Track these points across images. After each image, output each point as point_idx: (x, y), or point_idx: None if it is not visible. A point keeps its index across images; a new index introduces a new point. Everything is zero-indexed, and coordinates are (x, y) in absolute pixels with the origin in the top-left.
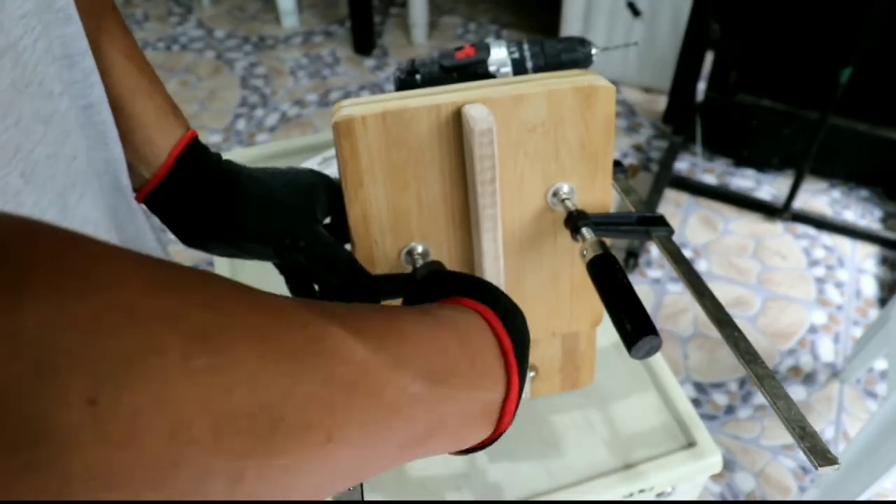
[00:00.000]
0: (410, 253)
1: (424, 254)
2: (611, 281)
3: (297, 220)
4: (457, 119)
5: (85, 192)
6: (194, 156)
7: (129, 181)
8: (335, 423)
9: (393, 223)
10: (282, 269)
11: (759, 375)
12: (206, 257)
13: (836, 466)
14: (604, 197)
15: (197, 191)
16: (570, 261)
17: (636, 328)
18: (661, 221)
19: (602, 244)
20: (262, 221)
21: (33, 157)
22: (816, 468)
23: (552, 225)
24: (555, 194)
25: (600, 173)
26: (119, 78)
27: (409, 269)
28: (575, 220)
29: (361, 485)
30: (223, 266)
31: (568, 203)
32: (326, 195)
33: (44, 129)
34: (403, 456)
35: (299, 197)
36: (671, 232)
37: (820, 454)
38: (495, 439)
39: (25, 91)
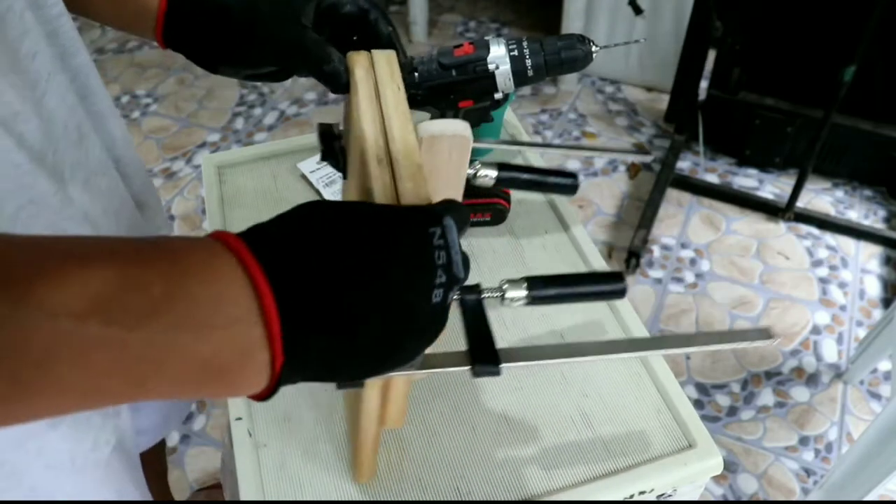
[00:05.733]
0: None
1: None
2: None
3: (282, 25)
4: None
5: (48, 90)
6: None
7: (99, 83)
8: None
9: None
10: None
11: None
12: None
13: None
14: None
15: (193, 21)
16: None
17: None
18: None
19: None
20: (249, 31)
21: None
22: None
23: None
24: None
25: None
26: None
27: None
28: None
29: None
30: None
31: None
32: (311, 5)
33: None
34: (123, 397)
35: (281, 5)
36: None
37: None
38: (277, 383)
39: None
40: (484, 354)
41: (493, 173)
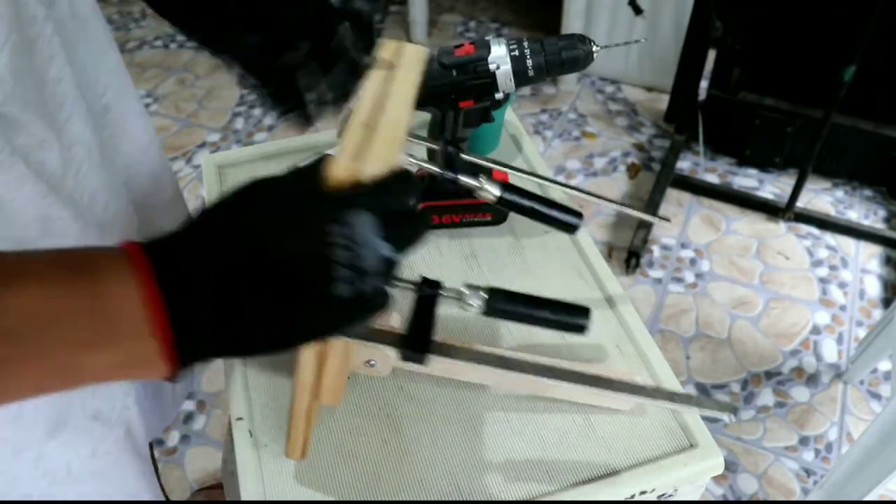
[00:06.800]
0: None
1: None
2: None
3: None
4: None
5: (73, 113)
6: None
7: (128, 83)
8: None
9: None
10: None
11: None
12: None
13: None
14: None
15: None
16: None
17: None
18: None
19: None
20: None
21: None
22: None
23: None
24: None
25: None
26: None
27: None
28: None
29: None
30: None
31: None
32: None
33: (30, 53)
34: (45, 387)
35: None
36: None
37: None
38: (181, 368)
39: (16, 17)
40: (417, 343)
41: (497, 192)
